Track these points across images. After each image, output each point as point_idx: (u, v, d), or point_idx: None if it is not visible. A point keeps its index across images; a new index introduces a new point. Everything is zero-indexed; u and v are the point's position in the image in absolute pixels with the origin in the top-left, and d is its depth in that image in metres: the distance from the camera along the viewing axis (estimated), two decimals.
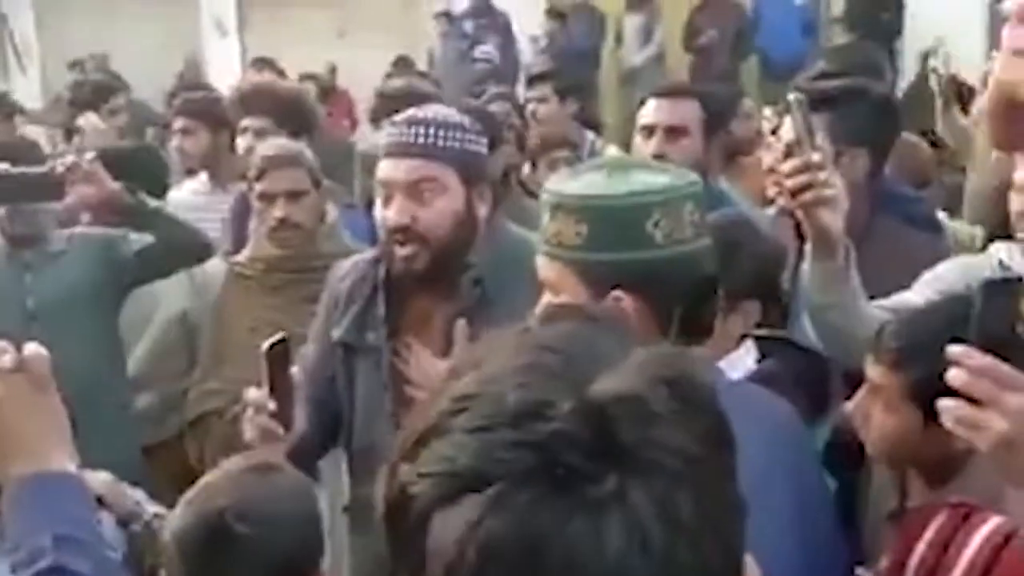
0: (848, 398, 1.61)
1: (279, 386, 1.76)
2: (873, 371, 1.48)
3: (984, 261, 1.87)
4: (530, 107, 4.06)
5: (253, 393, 1.77)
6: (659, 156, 2.58)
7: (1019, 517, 1.22)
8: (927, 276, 1.84)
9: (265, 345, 1.75)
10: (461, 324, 1.80)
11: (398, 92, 3.33)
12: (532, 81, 4.18)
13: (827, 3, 8.76)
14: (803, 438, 1.45)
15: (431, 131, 1.84)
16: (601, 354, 0.64)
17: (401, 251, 1.84)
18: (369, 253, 2.06)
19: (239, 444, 2.28)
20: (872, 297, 1.69)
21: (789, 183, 1.52)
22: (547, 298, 1.36)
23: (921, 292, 1.79)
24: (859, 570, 1.38)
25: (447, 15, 8.97)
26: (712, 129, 2.70)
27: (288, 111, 3.22)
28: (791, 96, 1.58)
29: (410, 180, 1.83)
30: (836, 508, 1.48)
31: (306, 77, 8.48)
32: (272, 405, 1.75)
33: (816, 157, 1.51)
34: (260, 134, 3.08)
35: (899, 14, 7.81)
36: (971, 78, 5.87)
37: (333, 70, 8.91)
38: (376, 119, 3.31)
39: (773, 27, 8.19)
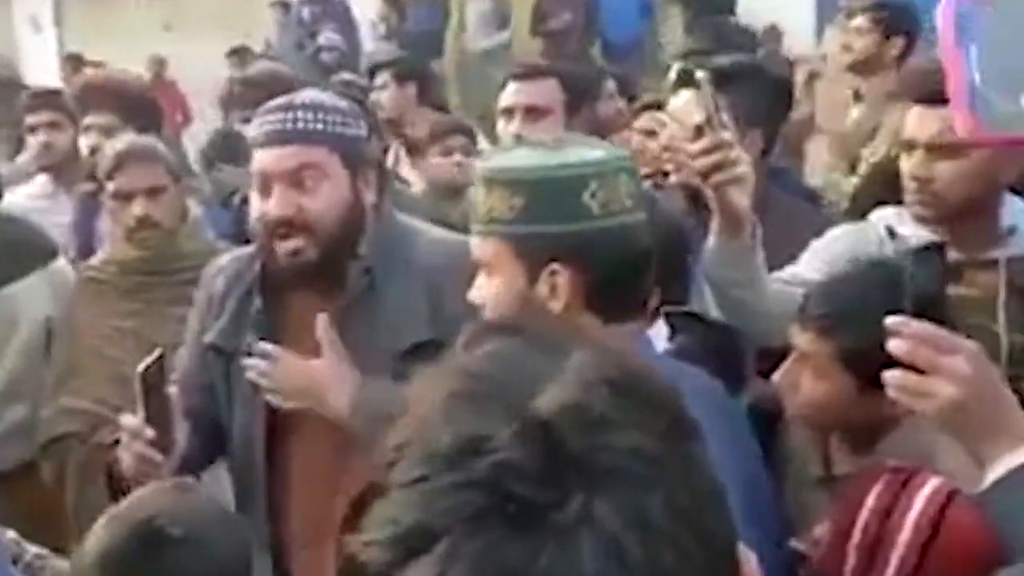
0: (760, 373, 1.61)
1: (156, 409, 1.66)
2: (801, 338, 1.48)
3: (870, 228, 1.88)
4: (372, 95, 3.98)
5: (128, 420, 1.66)
6: (521, 139, 2.56)
7: (952, 476, 1.23)
8: (815, 246, 1.86)
9: (140, 367, 1.63)
10: (323, 321, 1.71)
11: (263, 77, 3.16)
12: (372, 70, 4.11)
13: None
14: (739, 410, 1.44)
15: (310, 115, 1.74)
16: (535, 370, 0.60)
17: (286, 245, 1.73)
18: (245, 249, 1.94)
19: (104, 470, 2.15)
20: (770, 270, 1.69)
21: (700, 163, 1.50)
22: (480, 280, 1.32)
23: (811, 263, 1.81)
24: (793, 541, 1.37)
25: (283, 3, 8.70)
26: (574, 109, 2.67)
27: (135, 106, 3.02)
28: (699, 74, 1.57)
29: (291, 168, 1.72)
30: None
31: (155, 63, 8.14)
32: (149, 432, 1.64)
33: (726, 136, 1.50)
34: (107, 131, 2.88)
35: None
36: (804, 50, 6.11)
37: (161, 63, 8.53)
38: (240, 107, 3.14)
39: (611, 9, 8.30)
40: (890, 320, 1.07)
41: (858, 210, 2.31)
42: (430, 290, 1.76)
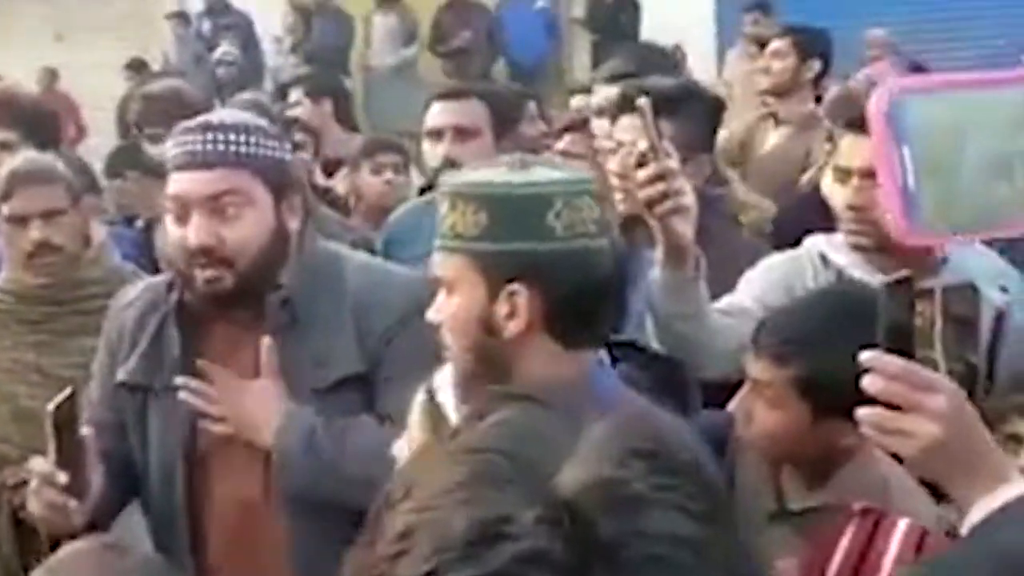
0: (705, 405, 1.58)
1: (68, 451, 1.55)
2: (755, 367, 1.47)
3: (804, 257, 1.88)
4: (287, 112, 3.91)
5: (38, 463, 1.56)
6: (451, 159, 2.50)
7: (911, 514, 1.22)
8: (750, 275, 1.86)
9: (51, 406, 1.53)
10: (267, 341, 1.65)
11: (167, 94, 3.02)
12: (284, 87, 4.05)
13: (567, 5, 9.00)
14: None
15: (231, 136, 1.65)
16: (552, 442, 0.54)
17: (203, 274, 1.64)
18: (158, 278, 1.85)
19: (8, 513, 2.02)
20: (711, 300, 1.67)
21: (644, 192, 1.47)
22: (441, 300, 1.28)
23: (748, 292, 1.81)
24: None
25: (182, 15, 8.47)
26: (501, 130, 2.62)
27: (34, 121, 2.84)
28: (640, 101, 1.53)
29: (211, 194, 1.63)
30: None
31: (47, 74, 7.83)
32: (62, 476, 1.54)
33: (671, 164, 1.47)
34: (6, 148, 2.70)
35: (636, 16, 8.13)
36: (704, 75, 6.24)
37: (53, 74, 8.20)
38: (141, 124, 2.99)
39: (517, 29, 8.34)
40: (865, 356, 1.04)
41: (782, 237, 2.33)
42: (357, 316, 1.70)
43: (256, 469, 1.69)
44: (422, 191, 3.22)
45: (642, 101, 1.51)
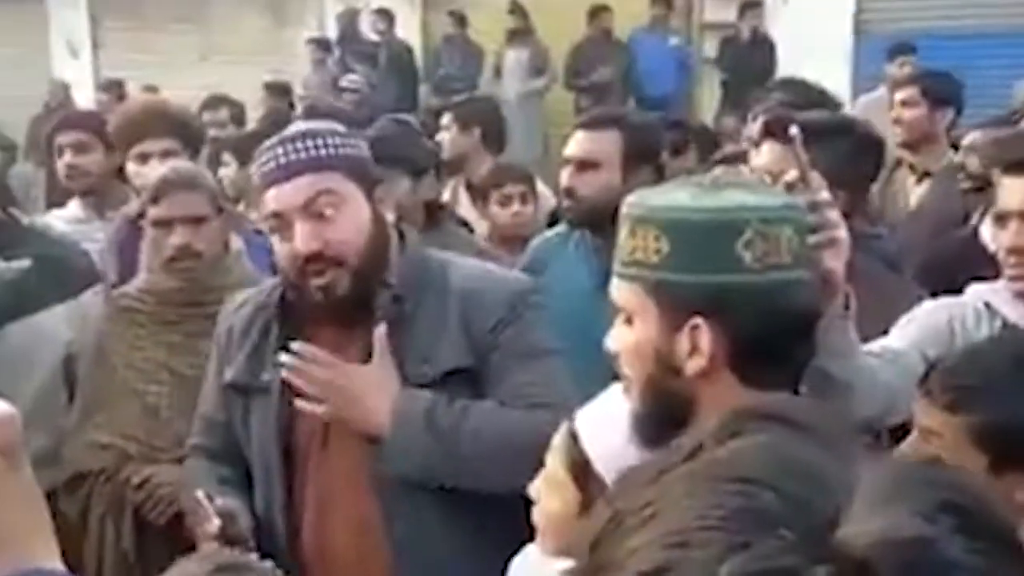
0: None
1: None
2: (925, 415, 1.38)
3: (967, 304, 1.80)
4: (437, 137, 3.97)
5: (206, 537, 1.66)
6: (569, 189, 2.49)
7: None
8: (909, 319, 1.78)
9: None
10: (380, 331, 1.66)
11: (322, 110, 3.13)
12: (438, 112, 4.12)
13: (700, 43, 8.95)
14: None
15: (310, 143, 1.68)
16: (824, 478, 0.45)
17: (317, 281, 1.67)
18: (264, 284, 1.89)
19: (131, 510, 2.06)
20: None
21: None
22: (618, 327, 1.20)
23: (905, 335, 1.73)
24: None
25: (320, 41, 8.72)
26: (634, 164, 2.56)
27: (187, 130, 2.95)
28: (792, 130, 1.44)
29: (307, 199, 1.66)
30: None
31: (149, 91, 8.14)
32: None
33: (823, 195, 1.37)
34: (167, 156, 2.80)
35: (771, 56, 8.01)
36: None
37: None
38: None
39: (649, 65, 8.30)
40: None
41: (932, 281, 2.24)
42: (463, 311, 1.71)
43: (352, 465, 1.70)
44: (551, 222, 3.22)
45: (794, 130, 1.43)
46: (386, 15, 8.64)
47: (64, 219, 3.13)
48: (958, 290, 1.89)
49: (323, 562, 1.73)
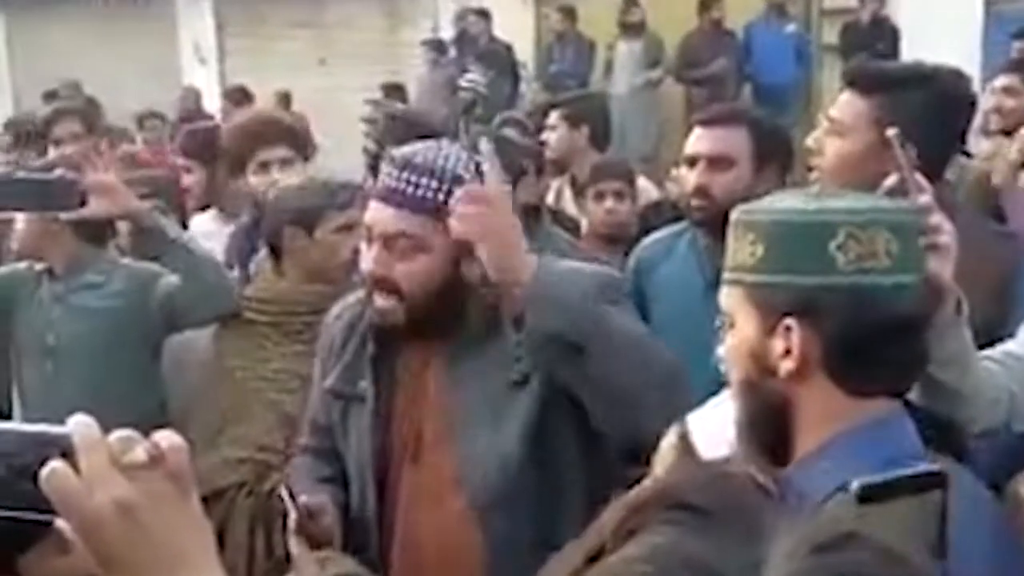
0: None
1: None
2: None
3: None
4: (543, 135, 3.96)
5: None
6: (702, 188, 2.43)
7: None
8: None
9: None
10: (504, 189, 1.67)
11: (410, 117, 3.15)
12: (547, 109, 4.09)
13: (819, 30, 8.73)
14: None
15: (423, 180, 1.67)
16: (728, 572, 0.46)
17: (379, 302, 1.71)
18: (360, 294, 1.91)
19: (274, 518, 2.12)
20: None
21: None
22: (725, 332, 1.22)
23: None
24: None
25: (436, 42, 8.83)
26: (762, 162, 2.51)
27: (297, 137, 3.03)
28: (890, 132, 1.40)
29: (389, 231, 1.68)
30: None
31: (281, 97, 8.35)
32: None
33: (925, 199, 1.33)
34: (285, 165, 2.89)
35: (895, 42, 7.76)
36: None
37: (287, 97, 8.56)
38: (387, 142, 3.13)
39: (765, 55, 8.15)
40: None
41: None
42: None
43: (442, 476, 1.72)
44: (644, 216, 3.18)
45: (891, 132, 1.38)
46: (484, 15, 8.67)
47: (203, 231, 3.23)
48: None
49: (409, 567, 1.76)
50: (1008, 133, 3.41)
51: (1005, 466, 1.60)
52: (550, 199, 3.81)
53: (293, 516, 1.70)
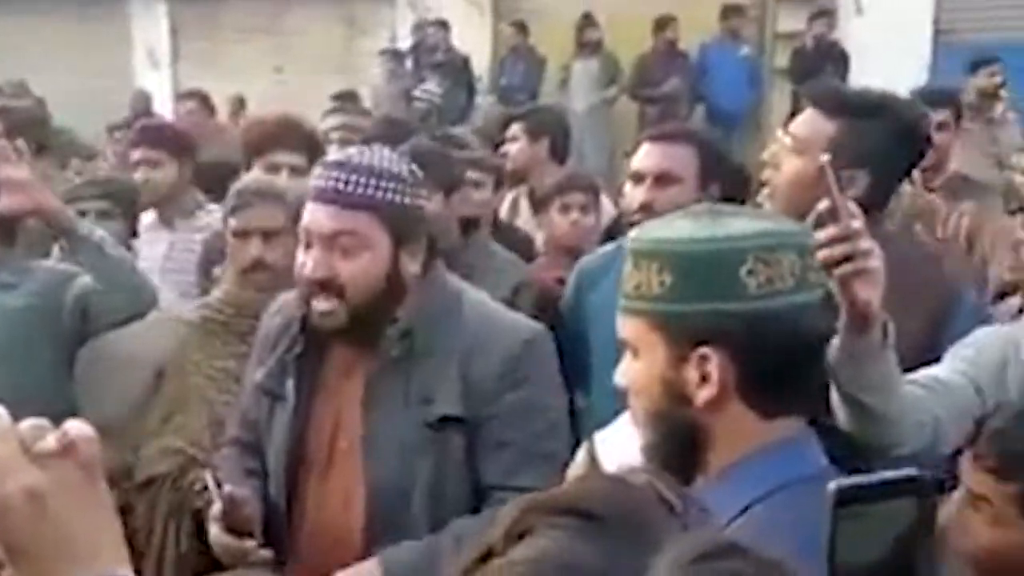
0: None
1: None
2: (971, 478, 1.35)
3: (1022, 332, 1.74)
4: (503, 148, 3.96)
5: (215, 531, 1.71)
6: (646, 204, 2.45)
7: None
8: (963, 345, 1.71)
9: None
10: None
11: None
12: (506, 122, 4.08)
13: (771, 54, 8.86)
14: None
15: (362, 179, 1.69)
16: None
17: (318, 305, 1.72)
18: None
19: (193, 515, 2.12)
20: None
21: (824, 253, 1.31)
22: (625, 361, 1.21)
23: (954, 366, 1.66)
24: None
25: (394, 52, 8.83)
26: (707, 180, 2.55)
27: (315, 149, 3.01)
28: (822, 158, 1.37)
29: (330, 232, 1.69)
30: None
31: (235, 101, 8.30)
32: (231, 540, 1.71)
33: (855, 225, 1.32)
34: (296, 173, 2.87)
35: (844, 67, 7.90)
36: None
37: (242, 101, 8.52)
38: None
39: (719, 77, 8.25)
40: None
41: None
42: (463, 360, 1.73)
43: (347, 502, 1.75)
44: (608, 233, 3.19)
45: (824, 159, 1.36)
46: (443, 26, 8.70)
47: (144, 227, 3.22)
48: None
49: (312, 568, 1.78)
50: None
51: None
52: (504, 211, 3.82)
53: (217, 504, 1.71)
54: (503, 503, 1.67)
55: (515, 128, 3.93)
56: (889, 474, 0.87)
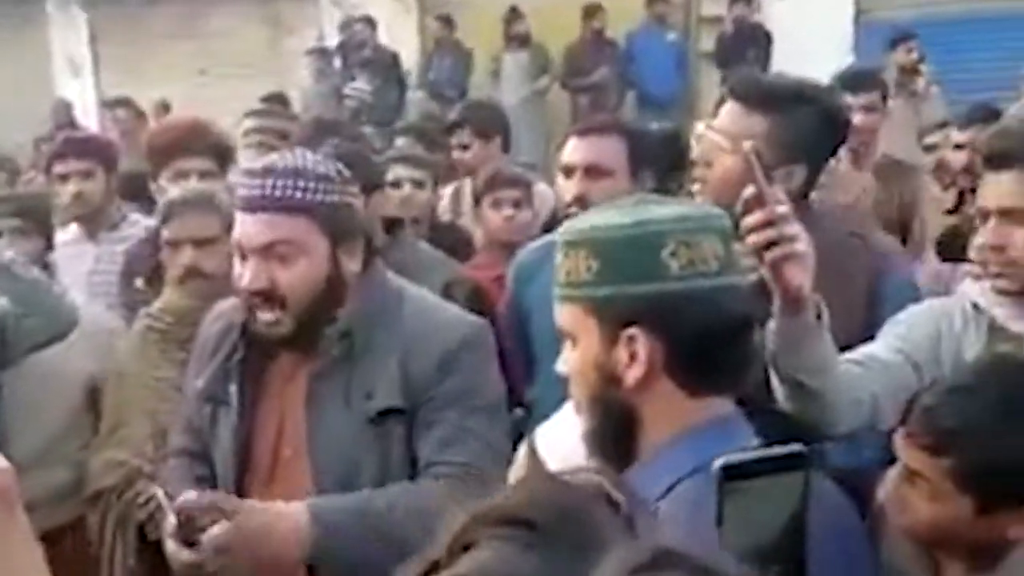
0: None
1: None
2: (906, 454, 1.37)
3: (955, 304, 1.78)
4: (455, 154, 3.92)
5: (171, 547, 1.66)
6: (580, 197, 2.47)
7: None
8: (894, 325, 1.75)
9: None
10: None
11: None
12: (451, 128, 3.99)
13: (697, 38, 8.94)
14: (864, 540, 1.30)
15: (289, 182, 1.67)
16: None
17: (263, 316, 1.71)
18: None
19: (135, 527, 2.10)
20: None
21: (753, 239, 1.35)
22: (565, 350, 1.23)
23: (892, 341, 1.70)
24: None
25: (321, 51, 8.74)
26: (638, 169, 2.56)
27: (223, 151, 2.97)
28: (746, 145, 1.42)
29: (264, 242, 1.67)
30: None
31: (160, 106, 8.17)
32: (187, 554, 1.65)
33: (781, 210, 1.36)
34: (205, 177, 2.82)
35: (766, 49, 8.00)
36: None
37: (166, 107, 8.43)
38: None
39: (647, 63, 8.31)
40: None
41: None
42: (403, 354, 1.73)
43: (294, 491, 1.73)
44: (546, 227, 3.20)
45: (748, 146, 1.40)
46: (370, 22, 8.63)
47: (66, 242, 3.16)
48: None
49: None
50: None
51: (865, 468, 1.67)
52: (446, 203, 3.80)
53: (171, 518, 1.67)
54: (437, 477, 1.69)
55: (466, 135, 3.85)
56: (775, 450, 0.90)
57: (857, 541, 1.22)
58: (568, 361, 1.23)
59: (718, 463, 0.84)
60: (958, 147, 3.59)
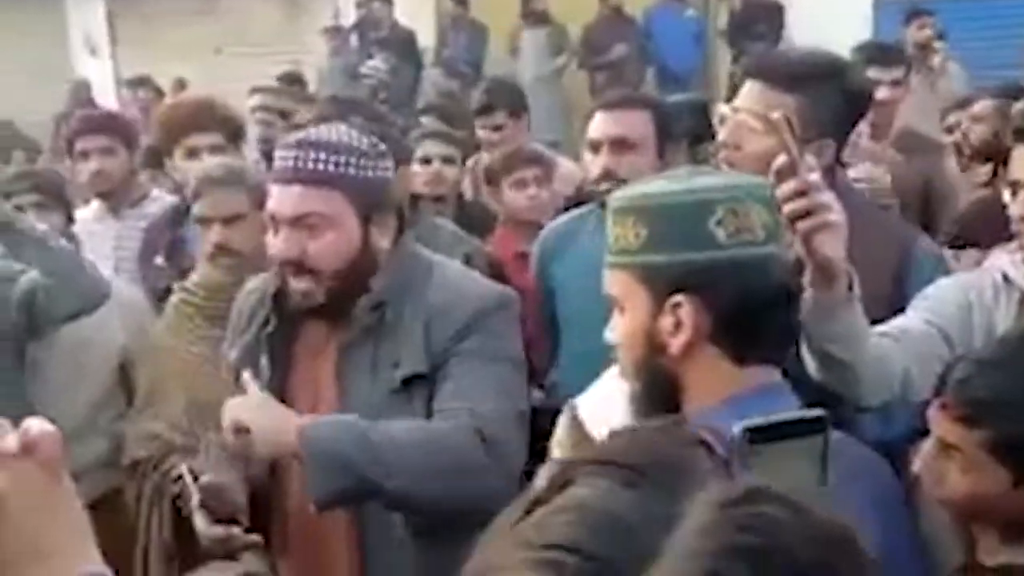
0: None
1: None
2: (940, 427, 1.37)
3: (984, 276, 1.78)
4: (486, 134, 3.86)
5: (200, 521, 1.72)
6: (608, 171, 2.47)
7: None
8: (924, 298, 1.75)
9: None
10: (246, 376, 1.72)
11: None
12: (483, 110, 3.86)
13: (715, 14, 8.90)
14: (899, 495, 1.33)
15: (322, 155, 1.69)
16: (638, 533, 0.48)
17: (296, 285, 1.74)
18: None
19: (170, 500, 2.13)
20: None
21: (787, 208, 1.33)
22: (614, 317, 1.25)
23: (922, 314, 1.70)
24: None
25: (337, 29, 8.72)
26: (666, 143, 2.57)
27: (232, 125, 2.99)
28: (776, 115, 1.42)
29: (296, 213, 1.70)
30: None
31: (177, 84, 8.18)
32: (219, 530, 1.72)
33: (814, 178, 1.35)
34: (216, 151, 2.85)
35: (779, 22, 7.94)
36: None
37: (182, 84, 8.47)
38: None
39: (665, 40, 8.28)
40: None
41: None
42: (428, 321, 1.75)
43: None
44: (570, 204, 3.20)
45: (776, 115, 1.40)
46: (387, 0, 8.60)
47: (83, 220, 3.18)
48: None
49: (297, 545, 1.80)
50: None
51: (899, 440, 1.68)
52: (466, 184, 3.80)
53: (195, 497, 1.71)
54: (451, 416, 1.67)
55: (499, 116, 3.79)
56: (796, 413, 0.91)
57: (896, 511, 1.24)
58: (616, 327, 1.25)
59: (739, 425, 0.85)
60: (976, 120, 3.57)
